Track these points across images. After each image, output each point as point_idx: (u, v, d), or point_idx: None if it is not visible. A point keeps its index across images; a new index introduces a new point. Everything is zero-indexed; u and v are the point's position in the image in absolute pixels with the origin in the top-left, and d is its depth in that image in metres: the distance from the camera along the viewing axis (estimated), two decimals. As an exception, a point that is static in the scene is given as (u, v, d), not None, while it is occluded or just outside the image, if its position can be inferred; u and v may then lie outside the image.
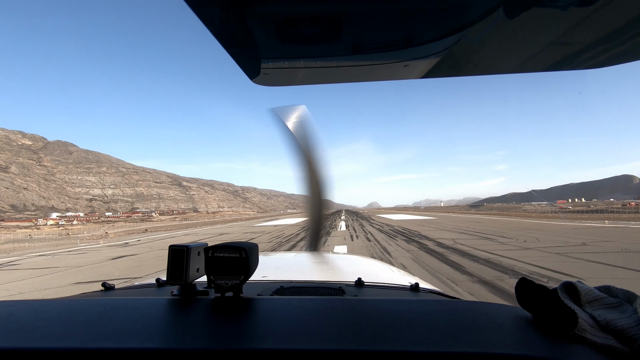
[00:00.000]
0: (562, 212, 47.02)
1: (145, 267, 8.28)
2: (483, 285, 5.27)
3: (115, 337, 0.49)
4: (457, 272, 6.37)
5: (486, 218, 28.66)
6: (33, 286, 6.50)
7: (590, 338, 0.46)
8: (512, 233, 13.75)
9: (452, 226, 19.14)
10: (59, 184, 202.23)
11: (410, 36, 0.64)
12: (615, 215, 31.83)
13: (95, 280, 6.78)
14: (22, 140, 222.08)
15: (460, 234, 14.21)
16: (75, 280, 6.98)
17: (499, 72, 0.79)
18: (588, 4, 0.53)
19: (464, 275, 6.08)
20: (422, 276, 5.44)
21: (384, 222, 25.51)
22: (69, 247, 15.84)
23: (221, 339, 0.49)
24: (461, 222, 23.02)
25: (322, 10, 0.56)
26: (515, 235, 12.66)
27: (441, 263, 7.32)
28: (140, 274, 7.30)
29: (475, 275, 5.98)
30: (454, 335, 0.49)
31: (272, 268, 1.55)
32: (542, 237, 11.73)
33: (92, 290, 1.14)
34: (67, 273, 7.94)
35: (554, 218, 26.27)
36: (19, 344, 0.47)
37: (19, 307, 0.65)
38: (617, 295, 0.53)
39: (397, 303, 0.65)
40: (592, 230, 14.25)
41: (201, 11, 0.55)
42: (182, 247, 0.70)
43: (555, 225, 17.56)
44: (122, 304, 0.65)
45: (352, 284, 1.17)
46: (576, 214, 37.98)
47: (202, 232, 22.50)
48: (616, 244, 9.39)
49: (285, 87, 0.91)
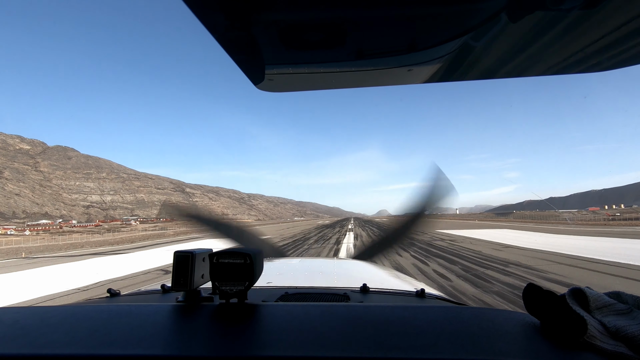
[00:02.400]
0: (614, 219, 41.59)
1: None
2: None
3: (120, 344, 0.49)
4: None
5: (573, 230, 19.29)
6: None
7: (600, 345, 0.45)
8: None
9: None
10: (54, 190, 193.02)
11: (414, 41, 0.64)
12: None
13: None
14: (20, 145, 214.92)
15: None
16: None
17: (502, 76, 0.79)
18: (591, 7, 0.52)
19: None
20: None
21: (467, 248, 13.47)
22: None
23: (226, 346, 0.48)
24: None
25: (326, 17, 0.56)
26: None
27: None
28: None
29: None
30: (460, 342, 0.48)
31: (276, 274, 1.54)
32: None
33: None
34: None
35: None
36: (25, 350, 0.47)
37: (24, 313, 0.64)
38: (627, 301, 0.51)
39: (402, 309, 0.65)
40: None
41: (206, 19, 0.55)
42: (187, 253, 0.69)
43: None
44: (127, 310, 0.65)
45: (357, 290, 1.15)
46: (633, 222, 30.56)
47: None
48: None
49: (291, 93, 0.92)
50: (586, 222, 39.64)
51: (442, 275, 8.97)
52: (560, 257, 11.56)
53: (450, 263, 11.00)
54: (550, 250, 13.57)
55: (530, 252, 13.44)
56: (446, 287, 7.52)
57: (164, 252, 18.64)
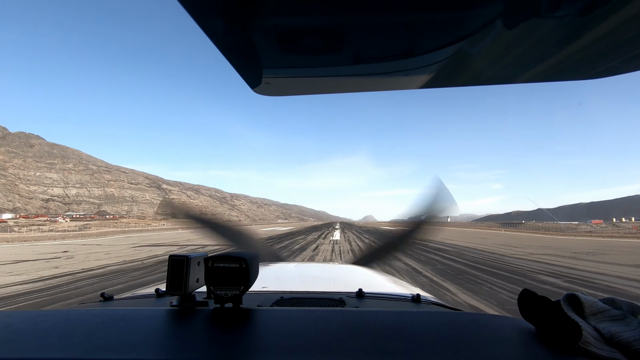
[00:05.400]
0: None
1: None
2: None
3: (114, 348, 0.48)
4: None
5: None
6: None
7: (594, 351, 0.45)
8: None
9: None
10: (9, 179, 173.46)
11: (411, 47, 0.65)
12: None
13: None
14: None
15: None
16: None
17: (498, 82, 0.80)
18: (585, 14, 0.53)
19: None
20: None
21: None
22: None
23: (220, 351, 0.48)
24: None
25: (323, 22, 0.56)
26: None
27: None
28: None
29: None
30: (455, 347, 0.48)
31: (272, 278, 1.55)
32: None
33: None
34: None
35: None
36: (17, 354, 0.46)
37: (17, 317, 0.64)
38: (621, 307, 0.51)
39: (398, 315, 0.65)
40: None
41: (203, 21, 0.55)
42: (182, 257, 0.69)
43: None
44: (121, 314, 0.65)
45: (353, 294, 1.17)
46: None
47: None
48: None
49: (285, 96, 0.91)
50: (632, 234, 32.59)
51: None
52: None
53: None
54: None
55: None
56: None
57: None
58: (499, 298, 6.73)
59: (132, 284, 8.50)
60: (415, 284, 1.96)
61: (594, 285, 8.18)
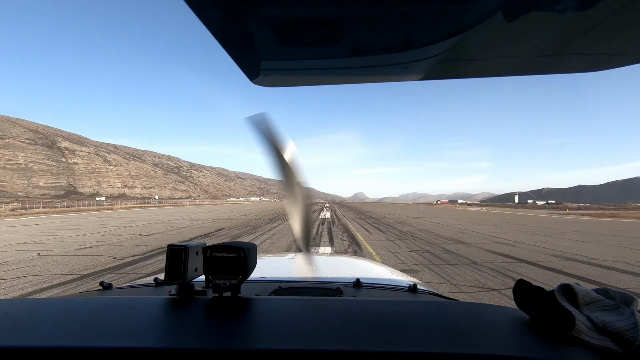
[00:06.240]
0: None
1: None
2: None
3: (112, 336, 0.48)
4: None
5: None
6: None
7: (587, 340, 0.46)
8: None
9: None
10: None
11: (410, 39, 0.65)
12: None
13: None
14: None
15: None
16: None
17: (497, 74, 0.80)
18: (586, 8, 0.53)
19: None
20: None
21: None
22: None
23: (218, 339, 0.48)
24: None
25: (322, 13, 0.56)
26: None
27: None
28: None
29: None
30: (451, 336, 0.49)
31: (270, 268, 1.57)
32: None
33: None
34: None
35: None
36: (15, 342, 0.46)
37: (15, 305, 0.64)
38: (614, 297, 0.53)
39: (394, 304, 0.66)
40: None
41: (201, 11, 0.55)
42: (180, 246, 0.70)
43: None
44: (120, 303, 0.65)
45: (351, 284, 1.17)
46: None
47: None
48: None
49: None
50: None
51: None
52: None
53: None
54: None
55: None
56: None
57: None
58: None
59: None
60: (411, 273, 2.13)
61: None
